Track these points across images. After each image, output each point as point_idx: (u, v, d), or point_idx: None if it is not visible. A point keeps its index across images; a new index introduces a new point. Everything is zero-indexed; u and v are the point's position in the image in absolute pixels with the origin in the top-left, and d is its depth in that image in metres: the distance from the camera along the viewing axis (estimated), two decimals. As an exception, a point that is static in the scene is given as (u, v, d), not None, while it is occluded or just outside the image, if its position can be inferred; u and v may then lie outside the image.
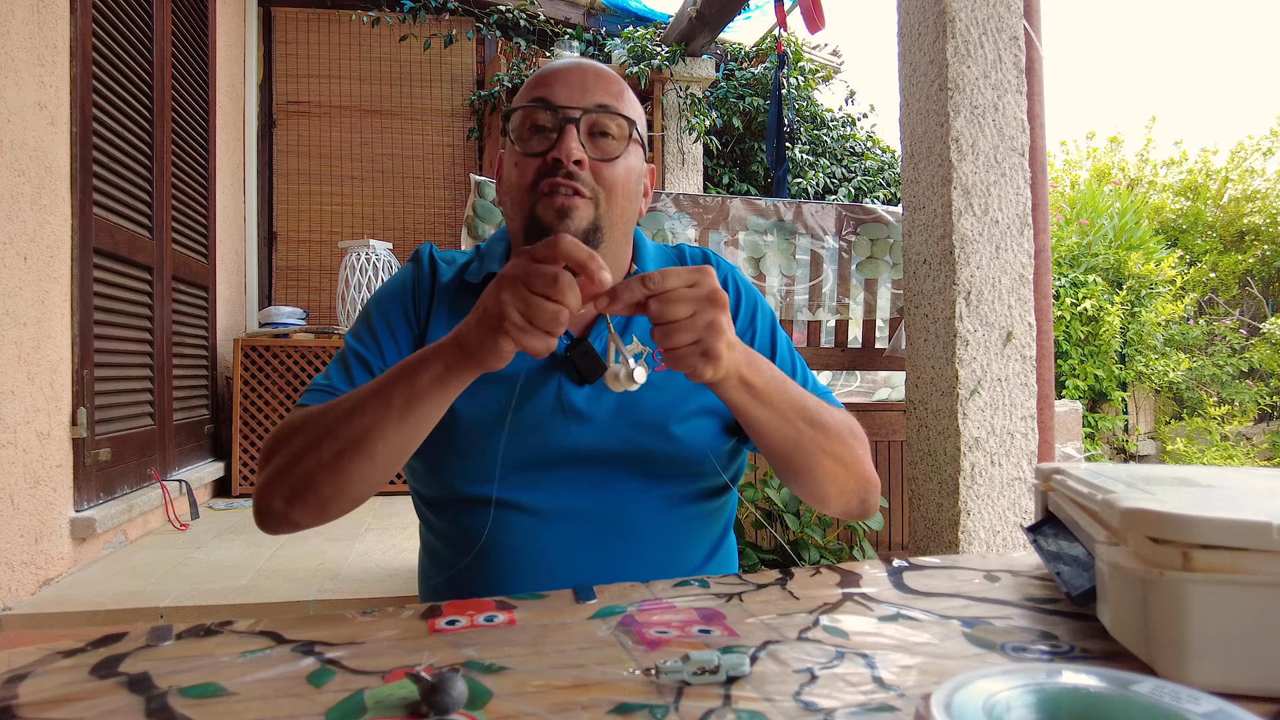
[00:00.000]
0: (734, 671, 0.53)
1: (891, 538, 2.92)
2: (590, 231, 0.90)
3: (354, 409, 0.80)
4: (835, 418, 0.92)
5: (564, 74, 0.93)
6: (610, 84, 0.94)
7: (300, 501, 0.83)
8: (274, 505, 0.84)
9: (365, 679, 0.54)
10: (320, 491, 0.82)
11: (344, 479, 0.81)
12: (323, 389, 0.92)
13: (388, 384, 0.79)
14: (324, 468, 0.81)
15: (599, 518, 0.93)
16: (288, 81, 4.98)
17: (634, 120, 0.94)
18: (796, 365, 1.05)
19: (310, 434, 0.83)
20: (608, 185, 0.91)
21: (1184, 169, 9.85)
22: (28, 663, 0.58)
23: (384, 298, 1.01)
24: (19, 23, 2.06)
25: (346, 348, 0.97)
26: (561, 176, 0.88)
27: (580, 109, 0.90)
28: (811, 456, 0.89)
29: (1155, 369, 6.71)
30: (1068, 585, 0.66)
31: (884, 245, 3.12)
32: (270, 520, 0.85)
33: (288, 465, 0.83)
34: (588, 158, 0.90)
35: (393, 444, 0.80)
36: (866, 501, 0.98)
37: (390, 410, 0.78)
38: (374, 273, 3.84)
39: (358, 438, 0.80)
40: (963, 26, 1.98)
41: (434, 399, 0.78)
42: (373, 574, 2.23)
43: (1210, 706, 0.42)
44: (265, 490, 0.84)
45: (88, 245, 2.39)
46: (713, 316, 0.73)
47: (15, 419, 2.02)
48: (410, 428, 0.80)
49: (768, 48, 5.44)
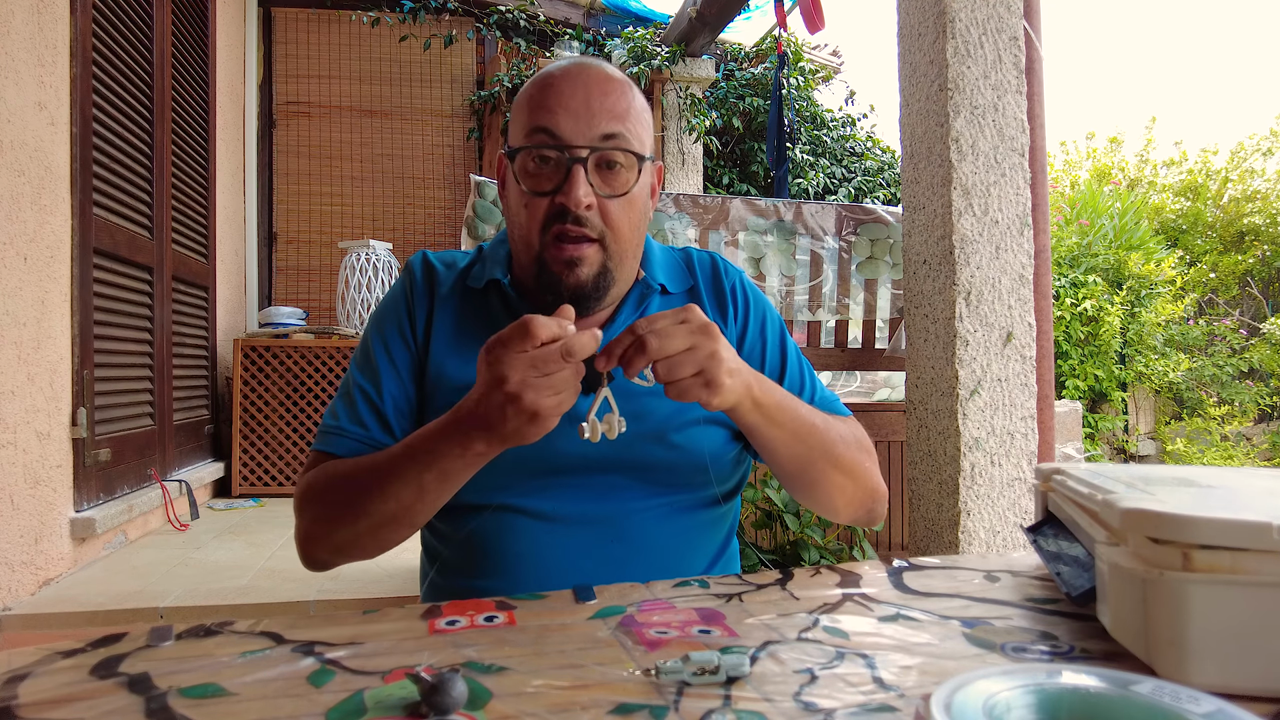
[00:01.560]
0: (734, 672, 0.53)
1: (891, 538, 2.92)
2: (601, 276, 0.91)
3: (385, 493, 0.83)
4: (843, 434, 0.93)
5: (567, 94, 0.89)
6: (617, 99, 0.90)
7: (345, 556, 0.90)
8: (319, 556, 0.90)
9: (365, 679, 0.54)
10: (365, 551, 0.89)
11: (386, 543, 0.88)
12: (336, 433, 0.94)
13: (416, 470, 0.81)
14: (365, 535, 0.86)
15: (602, 525, 0.93)
16: (288, 82, 4.98)
17: (643, 154, 0.92)
18: (805, 375, 1.05)
19: (343, 506, 0.86)
20: (615, 223, 0.90)
21: (1184, 169, 9.84)
22: (28, 663, 0.58)
23: (379, 321, 1.01)
24: (19, 23, 2.06)
25: (351, 381, 0.98)
26: (570, 223, 0.88)
27: (587, 147, 0.88)
28: (822, 473, 0.91)
29: (1155, 369, 6.71)
30: (1068, 585, 0.66)
31: (884, 245, 3.12)
32: (317, 566, 0.92)
33: (327, 528, 0.88)
34: (597, 198, 0.89)
35: (430, 510, 0.85)
36: (874, 511, 0.99)
37: (425, 492, 0.82)
38: (374, 273, 3.84)
39: (395, 516, 0.84)
40: (963, 27, 1.98)
41: (464, 475, 0.82)
42: (373, 574, 2.23)
43: (1210, 706, 0.42)
44: (310, 543, 0.90)
45: (88, 245, 2.39)
46: (711, 347, 0.75)
47: (15, 419, 2.02)
48: (444, 498, 0.84)
49: (768, 48, 5.44)
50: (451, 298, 1.00)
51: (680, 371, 0.74)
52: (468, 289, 1.00)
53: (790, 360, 1.04)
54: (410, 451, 0.82)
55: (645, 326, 0.74)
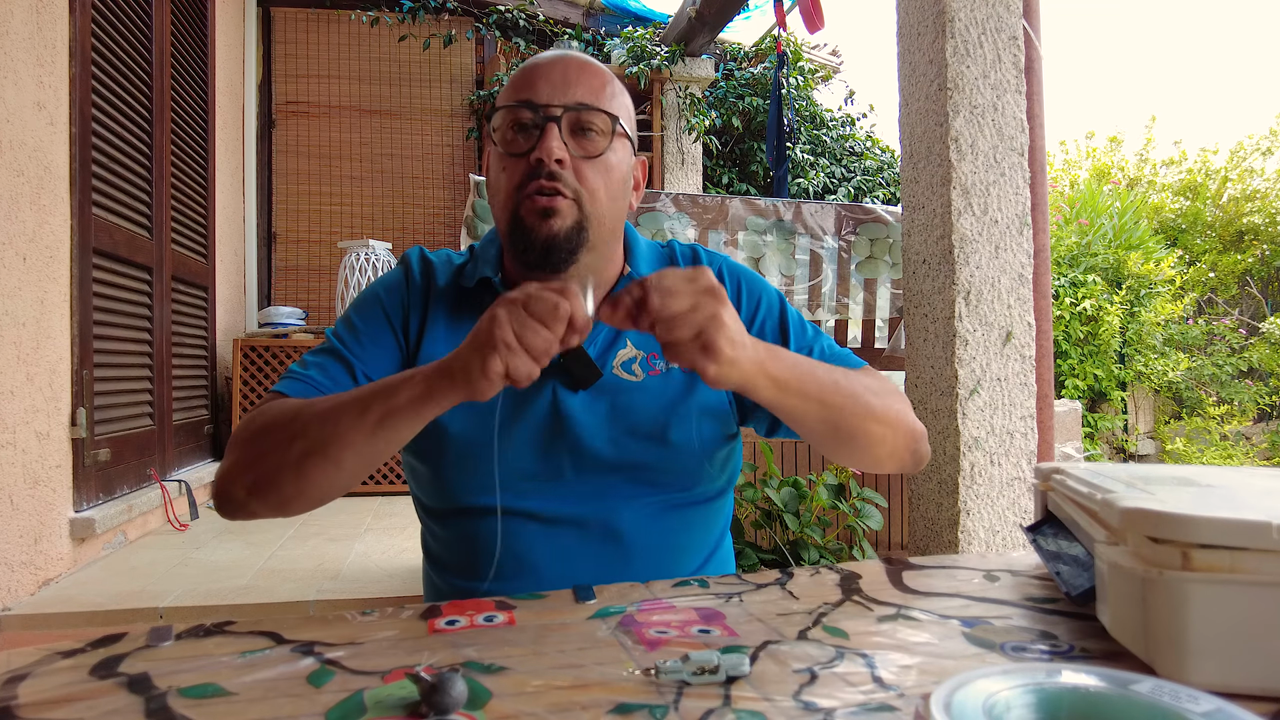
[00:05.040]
0: (734, 671, 0.53)
1: (891, 538, 2.92)
2: (574, 232, 0.90)
3: (328, 414, 0.80)
4: (867, 384, 0.90)
5: (546, 69, 0.92)
6: (593, 77, 0.93)
7: (260, 495, 0.83)
8: (235, 493, 0.84)
9: (365, 679, 0.54)
10: (282, 489, 0.82)
11: (307, 481, 0.81)
12: (298, 377, 0.91)
13: (367, 396, 0.79)
14: (289, 466, 0.81)
15: (595, 524, 0.93)
16: (287, 81, 4.98)
17: (617, 115, 0.93)
18: (811, 338, 1.03)
19: (282, 431, 0.82)
20: (590, 184, 0.90)
21: (1183, 169, 9.84)
22: (27, 663, 0.58)
23: (368, 298, 1.00)
24: (18, 23, 2.05)
25: (327, 341, 0.96)
26: (544, 177, 0.88)
27: (561, 106, 0.89)
28: (856, 428, 0.87)
29: (1155, 369, 6.71)
30: (1067, 585, 0.66)
31: (883, 245, 3.12)
32: (229, 507, 0.85)
33: (255, 458, 0.83)
34: (570, 156, 0.89)
35: (361, 455, 0.80)
36: (918, 452, 0.95)
37: (364, 422, 0.78)
38: (373, 273, 3.84)
39: (327, 443, 0.79)
40: (962, 26, 1.98)
41: (409, 418, 0.77)
42: (372, 574, 2.23)
43: (1210, 706, 0.42)
44: (228, 477, 0.84)
45: (87, 245, 2.39)
46: (714, 309, 0.72)
47: (14, 419, 2.02)
48: (381, 442, 0.79)
49: (767, 48, 5.44)
50: (446, 296, 0.99)
51: (678, 331, 0.72)
52: (461, 288, 1.00)
53: (793, 331, 1.02)
54: (366, 388, 0.80)
55: (654, 281, 0.72)
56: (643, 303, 0.72)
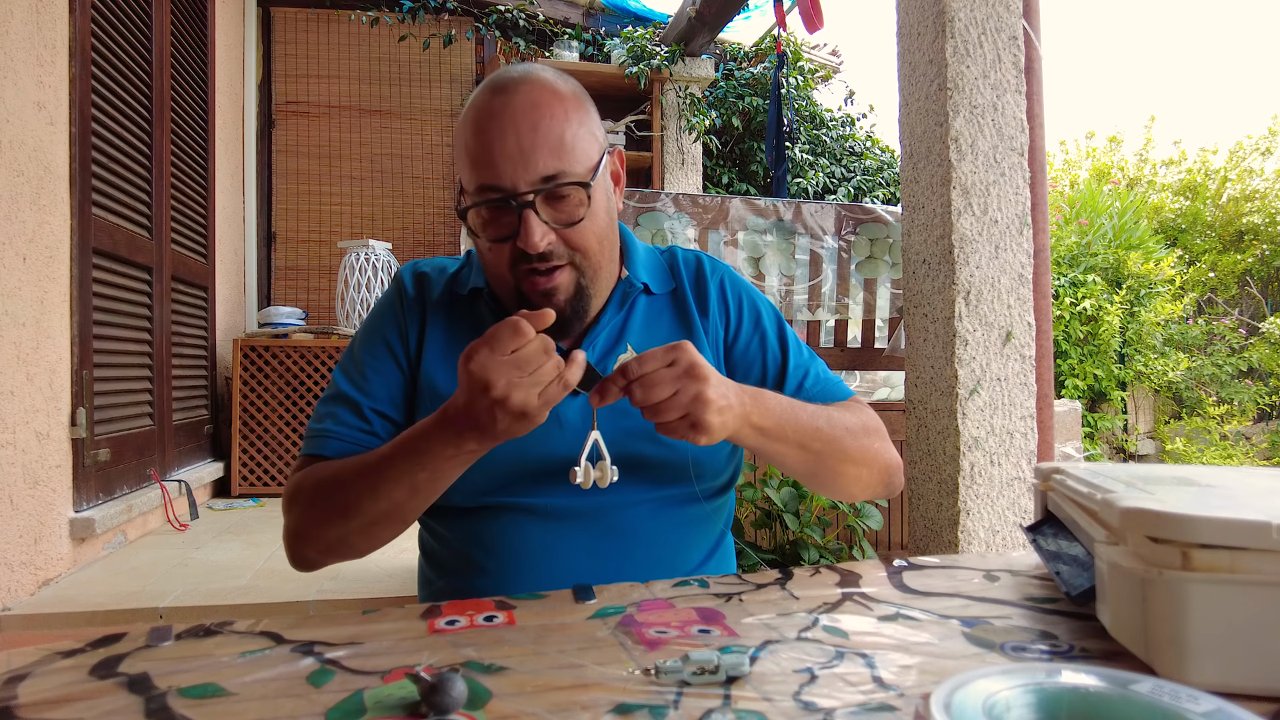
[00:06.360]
0: (734, 671, 0.53)
1: (891, 537, 2.92)
2: (578, 295, 0.92)
3: (375, 492, 0.84)
4: (849, 425, 0.93)
5: (499, 143, 0.85)
6: (549, 128, 0.86)
7: (335, 556, 0.91)
8: (308, 555, 0.91)
9: (365, 679, 0.54)
10: (355, 550, 0.90)
11: (376, 541, 0.89)
12: (321, 435, 0.95)
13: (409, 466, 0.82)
14: (355, 534, 0.87)
15: (596, 520, 0.93)
16: (287, 81, 4.98)
17: (587, 180, 0.89)
18: (806, 363, 1.04)
19: (333, 505, 0.87)
20: (580, 244, 0.90)
21: (1183, 169, 9.84)
22: (27, 663, 0.58)
23: (368, 330, 1.01)
24: (18, 23, 2.05)
25: (336, 388, 0.98)
26: (536, 262, 0.88)
27: (530, 190, 0.85)
28: (833, 470, 0.92)
29: (1154, 368, 6.71)
30: (1067, 585, 0.66)
31: (883, 245, 3.12)
32: (305, 566, 0.93)
33: (316, 527, 0.89)
34: (554, 231, 0.88)
35: (421, 507, 0.86)
36: (890, 484, 1.00)
37: (417, 490, 0.83)
38: (373, 273, 3.84)
39: (387, 514, 0.85)
40: (962, 26, 1.98)
41: (446, 476, 0.83)
42: (372, 574, 2.23)
43: (1209, 706, 0.42)
44: (298, 541, 0.91)
45: (87, 245, 2.39)
46: (696, 390, 0.75)
47: (14, 419, 2.02)
48: (435, 494, 0.85)
49: (767, 48, 5.44)
50: (442, 305, 1.00)
51: (666, 415, 0.76)
52: (457, 296, 1.00)
53: (790, 349, 1.03)
54: (402, 450, 0.82)
55: (634, 370, 0.75)
56: (629, 387, 0.76)
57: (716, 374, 0.78)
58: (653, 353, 0.76)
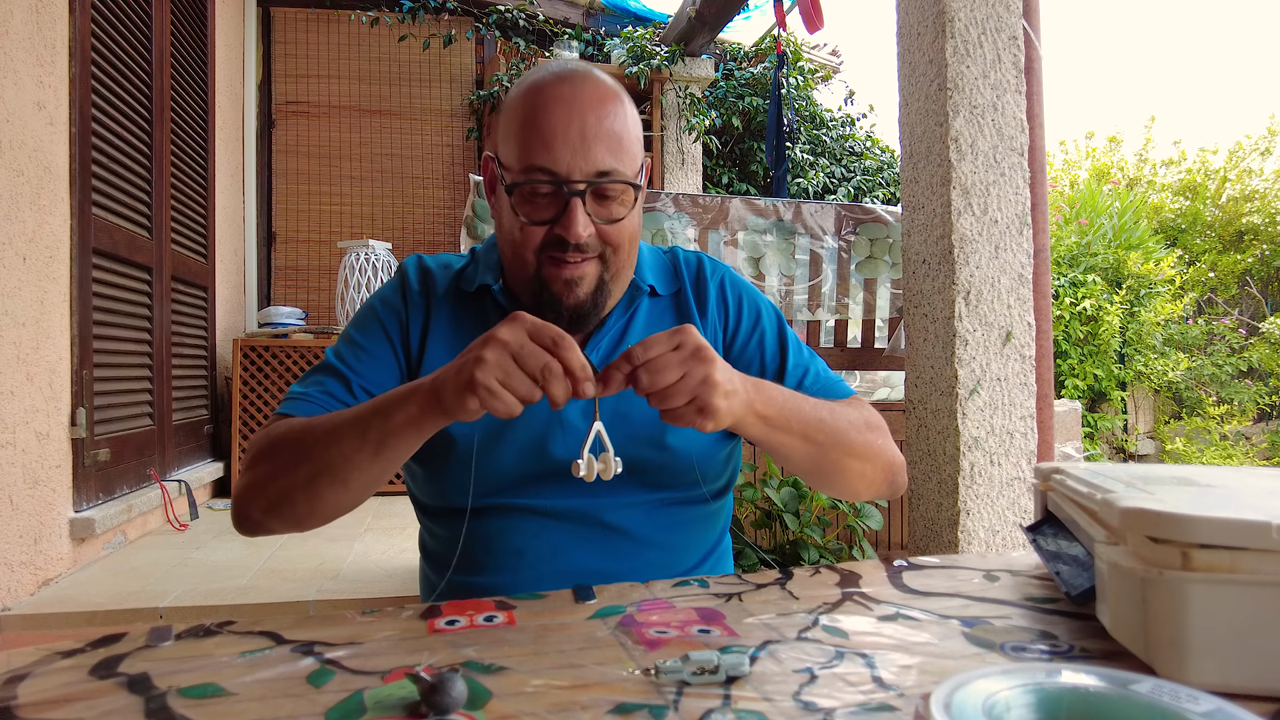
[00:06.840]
0: (734, 671, 0.53)
1: (891, 537, 2.92)
2: (598, 292, 0.91)
3: (331, 437, 0.82)
4: (852, 420, 0.92)
5: (563, 130, 0.86)
6: (612, 123, 0.87)
7: (276, 514, 0.87)
8: (252, 513, 0.88)
9: (365, 679, 0.54)
10: (296, 508, 0.86)
11: (318, 500, 0.85)
12: (298, 397, 0.93)
13: (366, 417, 0.80)
14: (300, 487, 0.84)
15: (595, 520, 0.94)
16: (287, 81, 4.98)
17: (638, 182, 0.91)
18: (806, 361, 1.04)
19: (290, 453, 0.85)
20: (613, 240, 0.90)
21: (1183, 169, 9.84)
22: (27, 663, 0.58)
23: (365, 313, 1.00)
24: (18, 23, 2.05)
25: (327, 360, 0.97)
26: (571, 249, 0.87)
27: (584, 180, 0.86)
28: (836, 464, 0.91)
29: (1154, 368, 6.71)
30: (1067, 585, 0.66)
31: (883, 245, 3.12)
32: (247, 525, 0.89)
33: (267, 479, 0.86)
34: (595, 225, 0.88)
35: (366, 474, 0.82)
36: (894, 483, 0.99)
37: (365, 443, 0.80)
38: (373, 273, 3.84)
39: (333, 465, 0.82)
40: (962, 26, 1.98)
41: (406, 438, 0.79)
42: (372, 574, 2.23)
43: (1209, 706, 0.42)
44: (244, 498, 0.88)
45: (87, 245, 2.39)
46: (704, 373, 0.74)
47: (14, 419, 2.01)
48: (383, 461, 0.81)
49: (767, 48, 5.44)
50: (446, 301, 1.00)
51: (673, 401, 0.74)
52: (461, 292, 1.00)
53: (790, 349, 1.03)
54: (365, 407, 0.82)
55: (639, 355, 0.74)
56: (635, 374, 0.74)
57: (721, 359, 0.77)
58: (657, 337, 0.75)
